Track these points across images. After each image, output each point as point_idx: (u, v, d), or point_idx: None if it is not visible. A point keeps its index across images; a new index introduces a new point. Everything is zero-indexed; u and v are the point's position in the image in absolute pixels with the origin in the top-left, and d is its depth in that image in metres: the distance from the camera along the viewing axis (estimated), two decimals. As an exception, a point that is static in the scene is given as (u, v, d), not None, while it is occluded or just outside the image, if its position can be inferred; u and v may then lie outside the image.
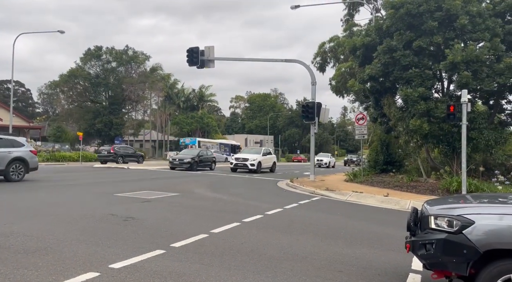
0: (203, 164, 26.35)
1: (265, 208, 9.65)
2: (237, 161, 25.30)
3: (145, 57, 51.25)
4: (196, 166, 25.10)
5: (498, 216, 3.66)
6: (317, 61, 30.33)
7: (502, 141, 15.25)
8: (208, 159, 27.62)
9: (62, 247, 5.30)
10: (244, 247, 5.81)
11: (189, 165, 24.62)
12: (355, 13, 29.23)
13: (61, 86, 48.93)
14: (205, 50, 20.24)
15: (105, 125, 47.55)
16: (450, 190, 13.09)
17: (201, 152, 28.14)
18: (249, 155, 25.45)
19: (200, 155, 26.42)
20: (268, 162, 26.68)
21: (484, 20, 14.99)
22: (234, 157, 26.30)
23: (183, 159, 25.37)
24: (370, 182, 17.12)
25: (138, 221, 7.30)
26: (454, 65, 14.37)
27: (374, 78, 16.94)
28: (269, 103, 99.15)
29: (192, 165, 24.72)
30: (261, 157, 25.56)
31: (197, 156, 25.81)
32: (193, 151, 29.17)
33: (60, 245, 5.42)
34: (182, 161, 25.06)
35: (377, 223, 8.78)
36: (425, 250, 3.82)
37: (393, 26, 16.27)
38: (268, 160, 26.86)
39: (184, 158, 25.59)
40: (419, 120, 14.99)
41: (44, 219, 7.24)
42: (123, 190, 12.23)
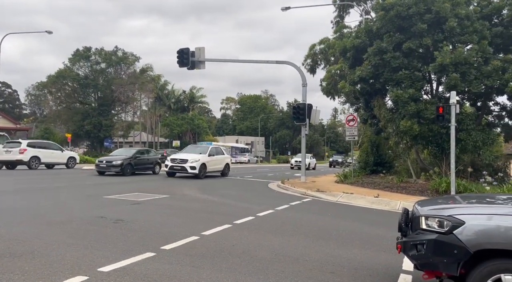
0: (142, 166, 21.56)
1: (256, 209, 9.62)
2: (173, 162, 19.86)
3: (135, 58, 50.87)
4: (130, 169, 20.25)
5: (487, 216, 3.69)
6: (308, 63, 30.44)
7: (490, 142, 15.45)
8: (150, 160, 22.34)
9: (50, 251, 5.20)
10: (236, 249, 5.77)
11: (120, 168, 19.67)
12: (345, 15, 29.46)
13: (49, 87, 48.26)
14: (196, 51, 20.17)
15: (94, 127, 47.01)
16: (439, 191, 13.22)
17: (140, 151, 22.73)
18: (189, 155, 20.15)
19: (137, 156, 21.33)
20: (217, 164, 21.56)
21: (472, 23, 15.21)
22: (170, 158, 20.60)
23: (112, 160, 20.20)
24: (360, 183, 17.21)
25: (127, 224, 7.20)
26: (443, 67, 14.54)
27: (364, 80, 17.05)
28: (260, 104, 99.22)
29: (124, 168, 19.80)
30: (206, 158, 20.41)
31: (132, 157, 20.81)
32: (129, 150, 23.48)
33: (47, 248, 5.31)
34: (111, 164, 19.94)
35: (368, 224, 8.81)
36: (416, 251, 3.83)
37: (383, 28, 16.40)
38: (218, 162, 21.68)
39: (113, 159, 20.42)
40: (409, 122, 15.12)
41: (31, 222, 7.10)
42: (112, 192, 12.09)
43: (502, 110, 17.09)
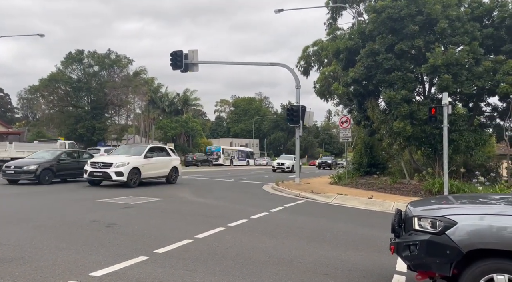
0: (69, 172, 17.15)
1: (250, 211, 9.60)
2: (93, 167, 15.34)
3: (128, 61, 50.71)
4: (50, 176, 15.98)
5: (479, 216, 3.70)
6: (301, 65, 30.48)
7: (482, 143, 15.57)
8: (79, 164, 17.12)
9: (41, 256, 5.13)
10: (229, 251, 5.74)
11: (35, 175, 15.40)
12: (338, 17, 29.54)
13: (41, 90, 47.93)
14: (189, 53, 20.11)
15: (88, 130, 46.73)
16: (433, 191, 13.29)
17: (67, 153, 18.16)
18: (116, 158, 15.82)
19: (61, 159, 17.02)
20: (158, 168, 16.94)
21: (463, 24, 15.35)
22: (91, 162, 15.93)
23: (23, 165, 15.75)
24: (354, 184, 17.25)
25: (120, 227, 7.14)
26: (435, 68, 14.64)
27: (358, 81, 17.11)
28: (254, 107, 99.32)
29: (41, 174, 15.53)
30: (139, 160, 15.84)
31: (54, 160, 16.59)
32: (53, 152, 17.99)
33: (38, 253, 5.25)
34: (21, 169, 15.53)
35: (362, 225, 8.82)
36: (409, 251, 3.84)
37: (376, 30, 16.49)
38: (159, 165, 17.03)
39: (26, 163, 15.99)
40: (402, 123, 15.19)
41: (22, 227, 7.02)
42: (105, 195, 11.99)
43: (493, 111, 17.25)
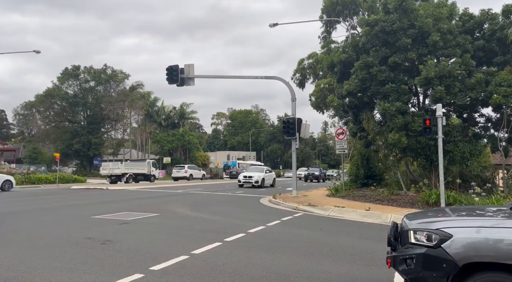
0: None
1: (247, 226, 9.54)
2: None
3: (124, 75, 50.93)
4: None
5: (475, 229, 3.69)
6: (297, 78, 30.78)
7: (477, 153, 15.67)
8: None
9: (34, 276, 5.06)
10: (226, 267, 5.68)
11: None
12: (332, 31, 30.00)
13: (37, 106, 47.93)
14: (185, 68, 20.26)
15: (84, 146, 46.59)
16: (430, 203, 13.28)
17: None
18: None
19: None
20: None
21: (455, 37, 15.60)
22: None
23: None
24: (351, 196, 17.21)
25: (116, 244, 7.07)
26: (428, 80, 14.81)
27: (352, 93, 17.27)
28: (250, 119, 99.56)
29: None
30: None
31: None
32: None
33: (32, 273, 5.17)
34: None
35: (359, 238, 8.78)
36: (406, 265, 3.81)
37: (369, 43, 16.72)
38: None
39: None
40: (397, 134, 15.28)
41: (15, 246, 6.93)
42: (101, 212, 11.89)
43: (487, 122, 17.40)
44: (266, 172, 29.47)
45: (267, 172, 29.41)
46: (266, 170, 30.00)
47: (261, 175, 28.07)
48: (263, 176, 28.22)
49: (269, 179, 29.43)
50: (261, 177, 27.84)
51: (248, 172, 29.28)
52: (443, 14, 15.96)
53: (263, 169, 30.05)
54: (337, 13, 26.53)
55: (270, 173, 30.60)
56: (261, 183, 27.33)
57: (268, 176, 29.29)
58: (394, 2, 15.87)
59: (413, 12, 15.85)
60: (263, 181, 27.62)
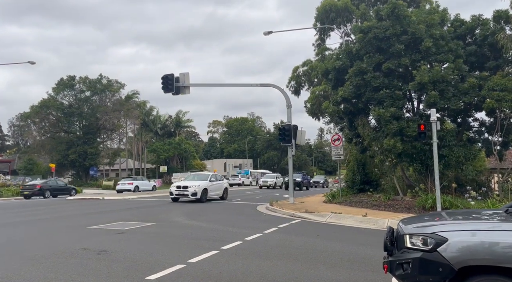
0: None
1: (244, 233, 9.49)
2: None
3: (120, 85, 50.94)
4: None
5: (471, 232, 3.70)
6: (292, 85, 30.88)
7: (472, 157, 15.75)
8: None
9: (29, 287, 5.00)
10: (223, 276, 5.64)
11: None
12: (326, 38, 30.18)
13: (32, 117, 47.77)
14: (180, 76, 20.31)
15: (79, 156, 46.39)
16: (426, 207, 13.30)
17: None
18: None
19: None
20: None
21: (447, 43, 15.78)
22: None
23: None
24: (348, 202, 17.21)
25: (111, 254, 7.01)
26: (422, 86, 14.94)
27: (347, 100, 17.36)
28: (247, 127, 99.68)
29: None
30: None
31: None
32: None
33: (26, 284, 5.11)
34: None
35: (357, 243, 8.76)
36: (403, 270, 3.81)
37: (363, 49, 16.87)
38: None
39: None
40: (392, 140, 15.35)
41: (10, 258, 6.85)
42: (96, 222, 11.80)
43: (481, 126, 17.52)
44: (212, 179, 21.57)
45: (213, 180, 21.64)
46: (211, 177, 21.87)
47: (201, 184, 20.40)
48: (206, 185, 20.61)
49: (215, 189, 21.66)
50: (202, 187, 20.08)
51: (184, 181, 21.70)
52: (435, 20, 16.16)
53: (207, 176, 22.08)
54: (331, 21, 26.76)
55: (219, 182, 22.58)
56: (202, 195, 19.89)
57: (214, 186, 21.58)
58: (387, 9, 16.06)
59: (406, 18, 16.04)
60: (204, 193, 20.16)
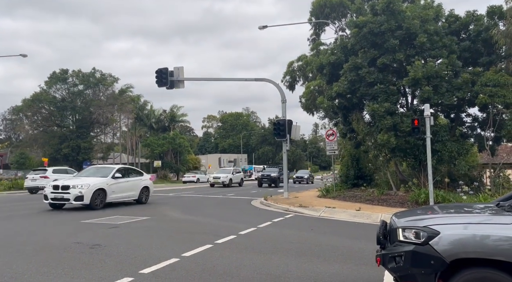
0: None
1: (238, 228, 9.51)
2: None
3: (114, 79, 50.49)
4: None
5: (462, 225, 3.73)
6: (287, 80, 30.81)
7: (464, 152, 15.89)
8: None
9: (21, 281, 4.97)
10: (216, 269, 5.65)
11: None
12: (321, 33, 30.09)
13: (25, 111, 47.25)
14: (174, 70, 20.17)
15: (73, 150, 46.03)
16: (419, 202, 13.42)
17: None
18: None
19: None
20: None
21: (441, 38, 15.83)
22: None
23: None
24: (342, 196, 17.31)
25: (105, 248, 6.98)
26: (416, 81, 15.00)
27: (342, 95, 17.38)
28: (241, 122, 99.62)
29: None
30: None
31: None
32: None
33: (18, 279, 5.08)
34: None
35: (350, 237, 8.82)
36: (395, 263, 3.84)
37: (358, 44, 16.87)
38: None
39: None
40: (386, 135, 15.42)
41: (1, 251, 6.80)
42: (90, 216, 11.75)
43: (474, 121, 17.66)
44: (116, 176, 14.73)
45: (118, 177, 14.76)
46: (116, 172, 14.87)
47: (95, 183, 13.82)
48: (102, 184, 14.00)
49: (124, 189, 15.15)
50: (94, 188, 13.59)
51: (70, 179, 14.78)
52: (429, 15, 16.19)
53: (111, 171, 15.06)
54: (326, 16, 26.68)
55: (132, 179, 15.81)
56: (93, 199, 13.49)
57: (121, 185, 14.95)
58: (382, 3, 16.05)
59: (401, 13, 16.05)
60: (98, 196, 13.73)
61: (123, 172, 15.61)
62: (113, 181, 14.67)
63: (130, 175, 16.14)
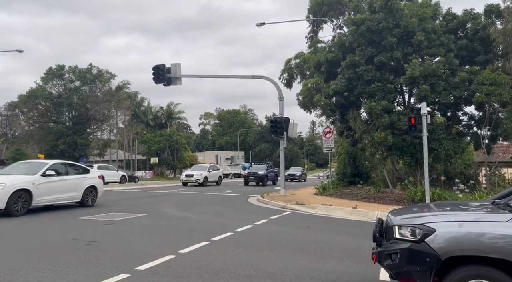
0: None
1: (235, 225, 9.52)
2: None
3: (110, 75, 50.24)
4: None
5: (458, 223, 3.75)
6: (284, 77, 30.77)
7: (460, 151, 15.95)
8: None
9: (16, 277, 4.95)
10: (213, 266, 5.66)
11: None
12: (319, 30, 30.09)
13: (20, 107, 46.98)
14: (172, 67, 20.09)
15: (69, 146, 45.84)
16: (415, 200, 13.47)
17: None
18: None
19: None
20: None
21: (439, 37, 15.85)
22: None
23: None
24: (339, 194, 17.35)
25: (101, 245, 6.97)
26: (413, 79, 15.02)
27: (339, 93, 17.39)
28: (238, 119, 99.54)
29: None
30: None
31: None
32: None
33: (14, 274, 5.06)
34: None
35: (346, 235, 8.85)
36: (391, 260, 3.86)
37: (355, 42, 16.86)
38: None
39: None
40: (383, 133, 15.45)
41: (-2, 248, 6.77)
42: (86, 212, 11.72)
43: (470, 120, 17.72)
44: (49, 173, 12.11)
45: (50, 175, 12.16)
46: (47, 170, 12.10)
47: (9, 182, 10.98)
48: (23, 184, 11.27)
49: (59, 191, 12.49)
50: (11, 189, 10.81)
51: None
52: (427, 14, 16.20)
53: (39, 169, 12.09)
54: (323, 13, 26.66)
55: (65, 177, 12.89)
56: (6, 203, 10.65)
57: (51, 186, 12.16)
58: (380, 1, 16.05)
59: (398, 11, 16.05)
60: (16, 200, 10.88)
61: (61, 169, 12.90)
62: (43, 179, 11.83)
63: (70, 172, 13.30)
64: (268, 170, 31.68)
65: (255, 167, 34.32)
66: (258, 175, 30.19)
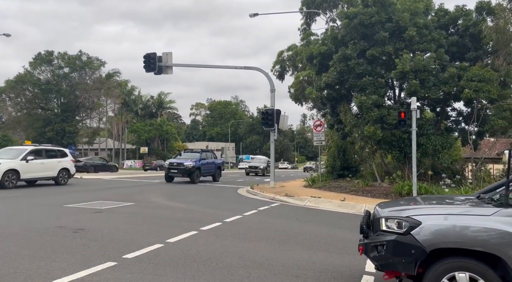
0: None
1: (224, 215, 9.54)
2: None
3: (100, 63, 49.53)
4: None
5: (443, 216, 3.82)
6: (277, 70, 30.68)
7: (448, 146, 16.15)
8: None
9: (2, 263, 4.91)
10: (201, 255, 5.67)
11: None
12: (312, 23, 29.99)
13: (8, 92, 46.09)
14: (163, 56, 19.87)
15: (57, 134, 45.24)
16: (403, 193, 13.64)
17: None
18: None
19: None
20: None
21: (430, 32, 15.93)
22: None
23: None
24: (328, 187, 17.49)
25: (88, 233, 6.93)
26: (404, 74, 15.10)
27: (330, 86, 17.41)
28: (230, 110, 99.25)
29: None
30: None
31: None
32: None
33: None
34: None
35: (334, 227, 8.94)
36: (377, 252, 3.91)
37: (348, 35, 16.85)
38: None
39: None
40: (373, 127, 15.56)
41: (-18, 234, 6.69)
42: (74, 200, 11.63)
43: (459, 116, 17.92)
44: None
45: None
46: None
47: None
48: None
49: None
50: None
51: None
52: (419, 9, 16.23)
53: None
54: (317, 6, 26.56)
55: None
56: None
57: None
58: (373, -5, 16.01)
59: (391, 6, 16.06)
60: None
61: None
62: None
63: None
64: (201, 160, 21.78)
65: (184, 155, 23.26)
66: (184, 167, 20.80)
